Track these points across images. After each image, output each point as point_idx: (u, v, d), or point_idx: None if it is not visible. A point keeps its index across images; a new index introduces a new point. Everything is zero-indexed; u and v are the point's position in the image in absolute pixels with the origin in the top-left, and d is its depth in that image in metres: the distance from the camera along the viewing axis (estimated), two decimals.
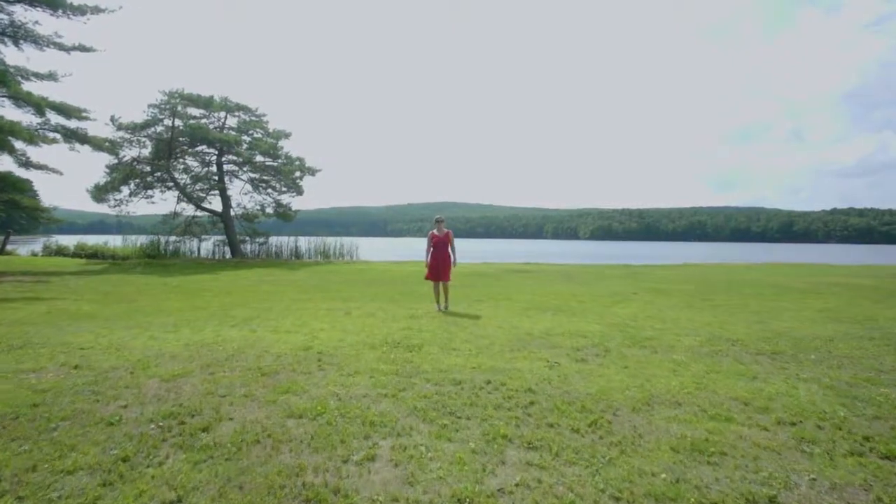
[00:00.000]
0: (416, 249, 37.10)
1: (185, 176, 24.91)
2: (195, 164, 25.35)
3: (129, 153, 22.68)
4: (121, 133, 21.84)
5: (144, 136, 22.55)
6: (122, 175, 22.50)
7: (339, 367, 4.56)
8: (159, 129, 22.64)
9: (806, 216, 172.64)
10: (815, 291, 11.87)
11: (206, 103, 22.85)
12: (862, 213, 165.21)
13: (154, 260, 22.12)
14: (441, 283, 8.45)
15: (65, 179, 24.83)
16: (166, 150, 22.63)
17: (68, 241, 26.30)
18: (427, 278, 8.55)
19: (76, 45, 18.21)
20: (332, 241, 25.98)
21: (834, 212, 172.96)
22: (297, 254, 25.50)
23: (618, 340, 5.97)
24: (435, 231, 8.50)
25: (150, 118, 21.93)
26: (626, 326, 6.92)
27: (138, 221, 26.00)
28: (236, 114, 24.82)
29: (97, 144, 19.70)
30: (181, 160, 24.66)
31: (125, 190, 23.24)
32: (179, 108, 22.09)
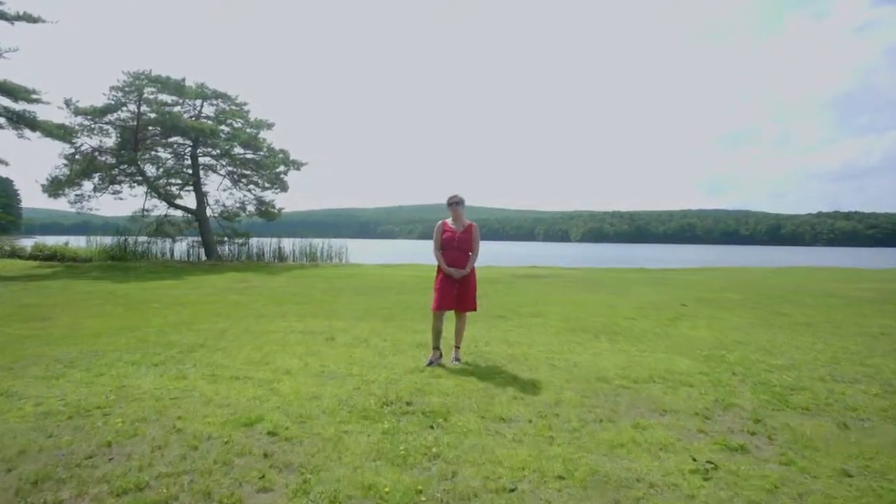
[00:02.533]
0: (411, 253, 34.82)
1: (155, 169, 22.43)
2: (167, 156, 22.82)
3: (88, 142, 20.15)
4: (79, 119, 19.28)
5: (107, 123, 20.01)
6: (82, 167, 19.97)
7: (300, 479, 2.36)
8: (124, 115, 20.13)
9: (793, 219, 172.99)
10: (890, 301, 10.18)
11: (178, 88, 20.35)
12: (848, 216, 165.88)
13: (118, 262, 19.61)
14: (456, 315, 4.74)
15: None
16: (132, 140, 20.13)
17: (30, 242, 23.73)
18: (435, 308, 4.65)
19: (20, 13, 15.73)
20: (318, 243, 23.76)
21: (820, 215, 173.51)
22: (280, 256, 23.16)
23: (747, 393, 3.85)
24: (449, 221, 4.75)
25: (112, 102, 19.38)
26: (732, 364, 4.81)
27: (125, 222, 23.54)
28: (213, 102, 22.35)
29: (48, 130, 17.18)
30: (151, 151, 22.16)
31: (87, 184, 20.76)
32: (147, 92, 19.57)
